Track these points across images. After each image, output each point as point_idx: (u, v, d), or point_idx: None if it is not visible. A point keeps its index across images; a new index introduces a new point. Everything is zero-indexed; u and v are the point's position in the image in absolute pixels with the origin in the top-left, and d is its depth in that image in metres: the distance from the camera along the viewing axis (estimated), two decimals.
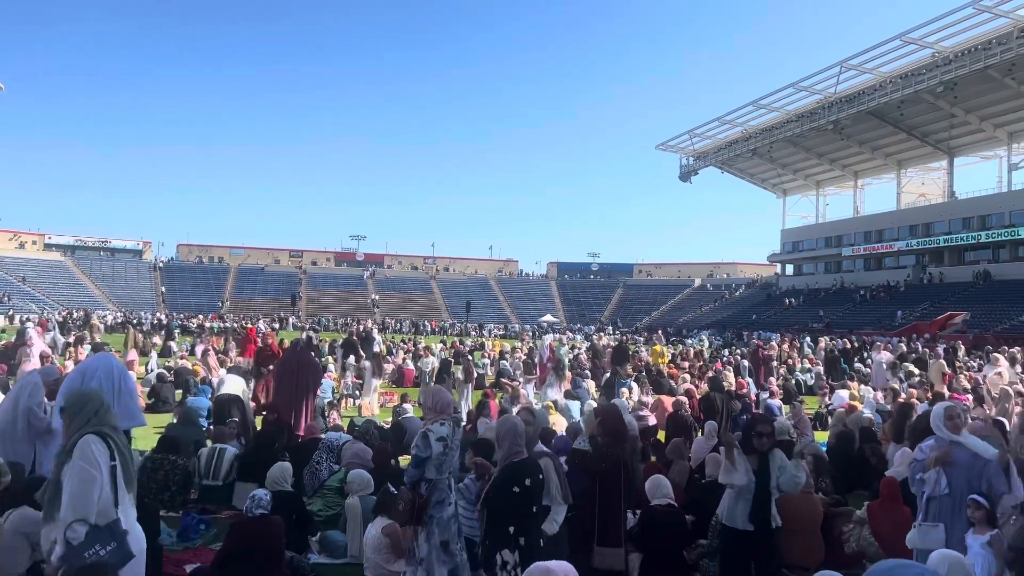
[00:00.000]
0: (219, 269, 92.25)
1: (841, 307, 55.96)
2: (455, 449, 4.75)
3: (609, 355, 21.50)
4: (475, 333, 57.32)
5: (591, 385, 17.31)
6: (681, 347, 34.61)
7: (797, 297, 64.30)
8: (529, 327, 64.18)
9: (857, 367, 21.78)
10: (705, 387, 13.92)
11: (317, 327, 46.23)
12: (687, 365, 22.31)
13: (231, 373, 13.32)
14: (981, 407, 12.12)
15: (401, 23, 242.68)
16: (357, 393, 16.92)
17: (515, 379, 18.40)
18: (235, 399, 10.92)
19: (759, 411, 13.14)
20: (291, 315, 64.34)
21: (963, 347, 26.31)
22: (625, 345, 23.15)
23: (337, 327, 56.30)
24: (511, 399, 12.57)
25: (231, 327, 42.67)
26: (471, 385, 16.12)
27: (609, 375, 17.31)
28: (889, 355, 19.89)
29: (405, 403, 12.88)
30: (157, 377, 16.12)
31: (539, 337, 42.39)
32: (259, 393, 13.64)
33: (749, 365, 20.56)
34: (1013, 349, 20.49)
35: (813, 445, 9.24)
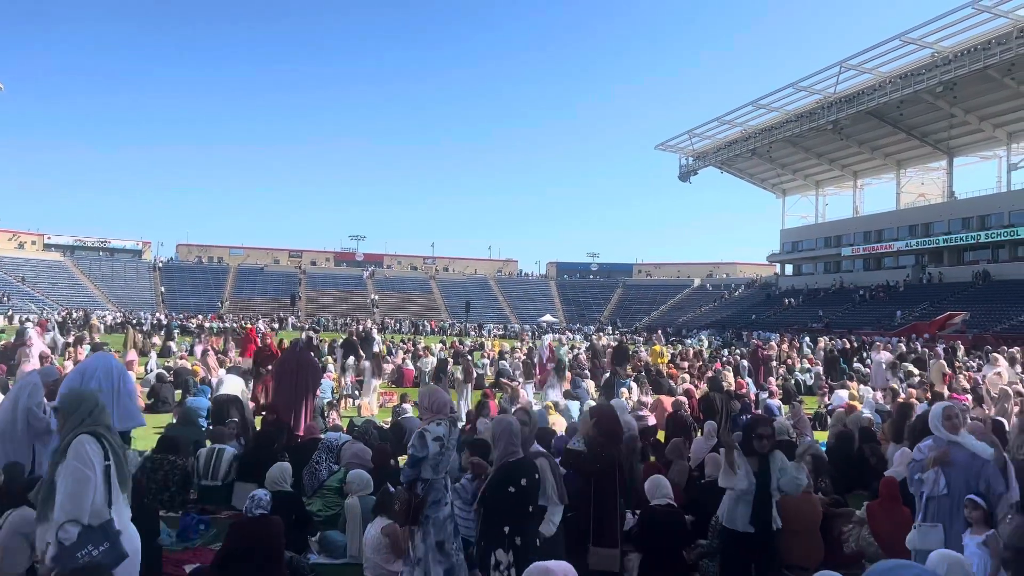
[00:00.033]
0: (218, 269, 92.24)
1: (840, 307, 55.97)
2: (451, 449, 4.75)
3: (609, 355, 21.51)
4: (474, 333, 57.33)
5: (590, 385, 17.32)
6: (680, 347, 34.61)
7: (796, 297, 64.32)
8: (528, 327, 64.18)
9: (856, 367, 21.78)
10: (704, 387, 13.90)
11: (317, 327, 46.18)
12: (686, 365, 22.33)
13: (230, 373, 13.34)
14: (980, 407, 12.12)
15: (401, 23, 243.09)
16: (356, 393, 16.92)
17: (515, 379, 18.38)
18: (234, 399, 10.94)
19: (758, 411, 13.15)
20: (290, 315, 64.33)
21: (962, 347, 26.32)
22: (625, 345, 23.14)
23: (337, 327, 56.30)
24: (511, 399, 12.56)
25: (230, 327, 42.66)
26: (470, 385, 16.09)
27: (609, 375, 17.32)
28: (889, 355, 19.88)
29: (404, 403, 12.86)
30: (156, 377, 16.13)
31: (538, 337, 42.41)
32: (258, 393, 13.63)
33: (748, 365, 20.58)
34: (1012, 349, 20.50)
35: (814, 445, 9.24)
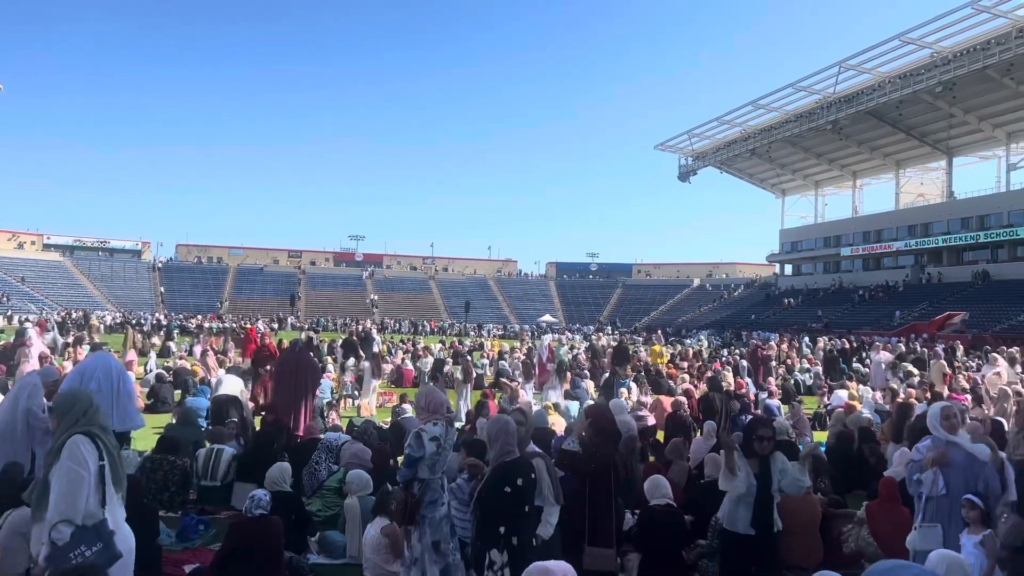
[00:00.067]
0: (218, 269, 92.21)
1: (840, 307, 55.98)
2: (448, 449, 4.75)
3: (609, 355, 21.52)
4: (474, 333, 57.33)
5: (590, 385, 17.33)
6: (680, 347, 34.61)
7: (796, 297, 64.32)
8: (528, 327, 64.18)
9: (856, 367, 21.78)
10: (704, 387, 13.92)
11: (317, 327, 46.17)
12: (686, 365, 22.35)
13: (229, 374, 13.35)
14: (980, 407, 12.13)
15: (401, 23, 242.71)
16: (356, 393, 16.91)
17: (514, 379, 18.37)
18: (233, 399, 10.94)
19: (758, 411, 13.15)
20: (290, 315, 64.31)
21: (961, 347, 26.33)
22: (625, 345, 23.15)
23: (336, 327, 56.28)
24: (510, 399, 12.57)
25: (230, 327, 42.65)
26: (470, 385, 16.09)
27: (608, 375, 17.32)
28: (888, 355, 19.89)
29: (404, 403, 12.87)
30: (156, 377, 16.13)
31: (538, 337, 42.42)
32: (257, 393, 13.64)
33: (748, 365, 20.58)
34: (1012, 349, 20.51)
35: (814, 446, 9.25)
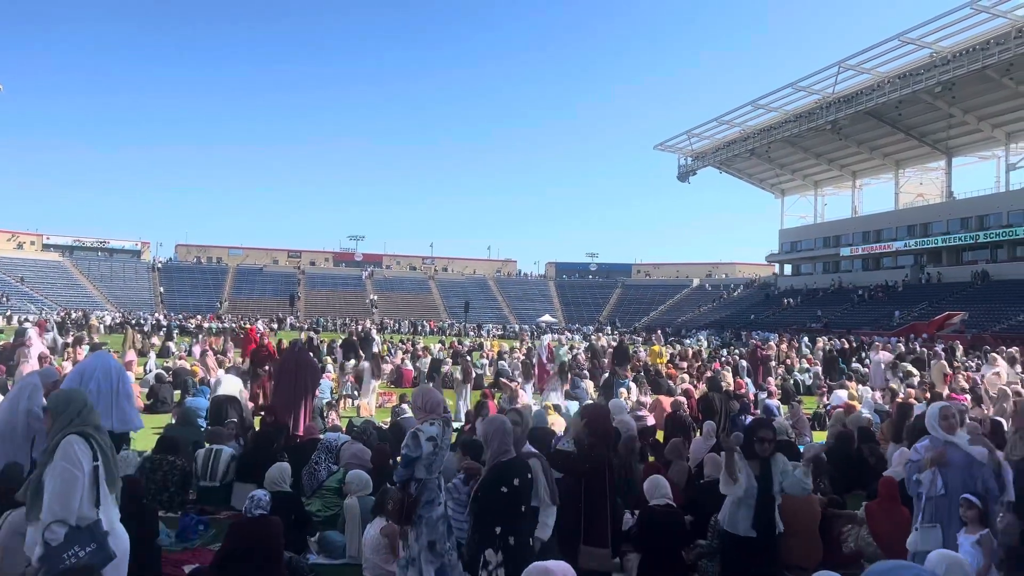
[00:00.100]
0: (217, 269, 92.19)
1: (839, 307, 55.99)
2: (445, 449, 4.75)
3: (610, 355, 21.53)
4: (473, 333, 57.32)
5: (589, 385, 17.32)
6: (679, 347, 34.61)
7: (795, 297, 64.33)
8: (527, 327, 64.18)
9: (855, 367, 21.80)
10: (703, 387, 13.92)
11: (318, 328, 46.16)
12: (685, 365, 22.36)
13: (228, 374, 13.35)
14: (979, 407, 12.14)
15: (401, 23, 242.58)
16: (355, 393, 16.90)
17: (514, 380, 18.37)
18: (232, 400, 10.95)
19: (757, 411, 13.16)
20: (289, 315, 64.30)
21: (961, 347, 26.34)
22: (625, 345, 23.16)
23: (336, 327, 56.27)
24: (510, 399, 12.57)
25: (229, 327, 42.64)
26: (469, 385, 16.10)
27: (608, 375, 17.32)
28: (888, 355, 19.90)
29: (403, 403, 12.86)
30: (156, 378, 16.11)
31: (537, 337, 42.43)
32: (256, 393, 13.64)
33: (747, 365, 20.59)
34: (1011, 349, 20.53)
35: (815, 446, 9.24)
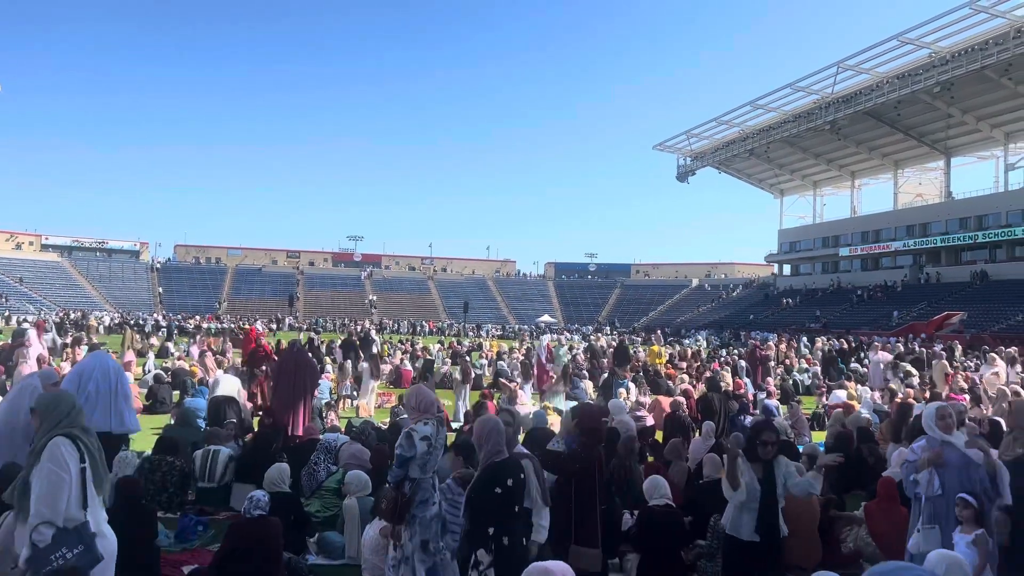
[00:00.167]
0: (216, 270, 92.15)
1: (838, 307, 56.02)
2: (439, 448, 4.76)
3: (610, 356, 21.54)
4: (472, 334, 57.31)
5: (589, 386, 17.33)
6: (679, 347, 34.62)
7: (794, 297, 64.36)
8: (527, 327, 64.17)
9: (854, 367, 21.81)
10: (703, 387, 13.93)
11: (319, 328, 46.14)
12: (684, 365, 22.36)
13: (227, 374, 13.34)
14: (978, 407, 12.15)
15: (401, 23, 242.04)
16: (355, 394, 16.89)
17: (513, 380, 18.36)
18: (230, 400, 10.95)
19: (756, 411, 13.16)
20: (288, 316, 64.29)
21: (960, 347, 26.36)
22: (626, 345, 23.18)
23: (335, 328, 56.24)
24: (509, 400, 12.57)
25: (228, 328, 42.60)
26: (468, 386, 16.10)
27: (607, 375, 17.31)
28: (887, 355, 19.90)
29: (402, 404, 12.86)
30: (154, 378, 16.10)
31: (536, 338, 42.45)
32: (254, 393, 13.64)
33: (746, 365, 20.58)
34: (1010, 349, 20.55)
35: (812, 446, 9.25)
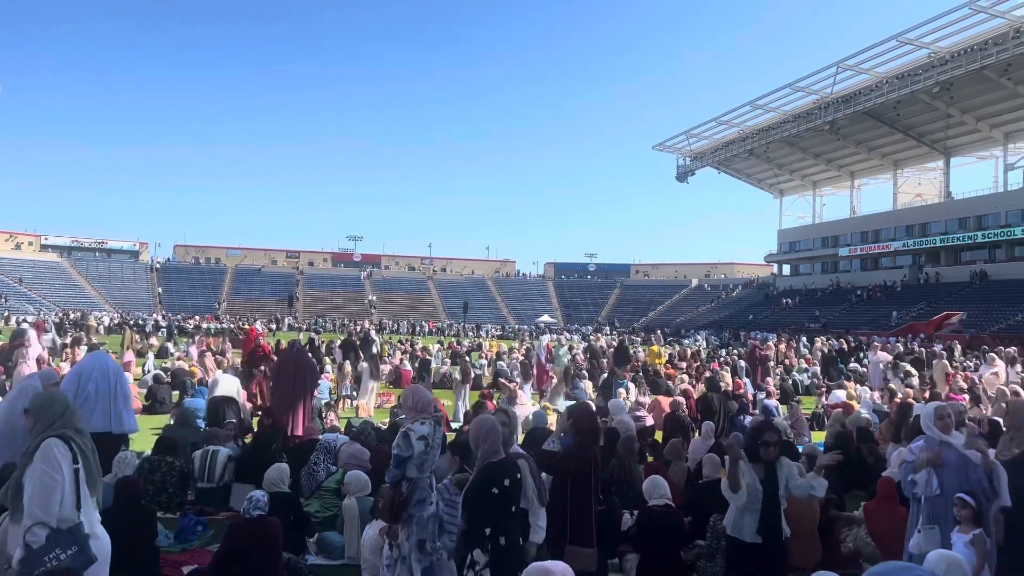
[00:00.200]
0: (216, 270, 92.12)
1: (838, 307, 56.02)
2: (437, 448, 4.75)
3: (610, 356, 21.54)
4: (472, 334, 57.30)
5: (588, 386, 17.33)
6: (678, 347, 34.63)
7: (794, 297, 64.38)
8: (526, 327, 64.16)
9: (853, 367, 21.81)
10: (702, 387, 13.93)
11: (320, 328, 46.14)
12: (684, 365, 22.36)
13: (226, 374, 13.33)
14: (978, 407, 12.15)
15: (401, 23, 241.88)
16: (354, 394, 16.89)
17: (513, 380, 18.35)
18: (230, 400, 10.94)
19: (756, 411, 13.16)
20: (288, 316, 64.28)
21: (959, 347, 26.37)
22: (626, 345, 23.18)
23: (335, 328, 56.23)
24: (509, 400, 12.57)
25: (228, 328, 42.58)
26: (468, 386, 16.09)
27: (607, 375, 17.31)
28: (886, 355, 19.91)
29: None
30: (154, 378, 16.09)
31: (536, 338, 42.44)
32: (253, 394, 13.63)
33: (746, 365, 20.59)
34: (1010, 349, 20.55)
35: (812, 446, 9.25)
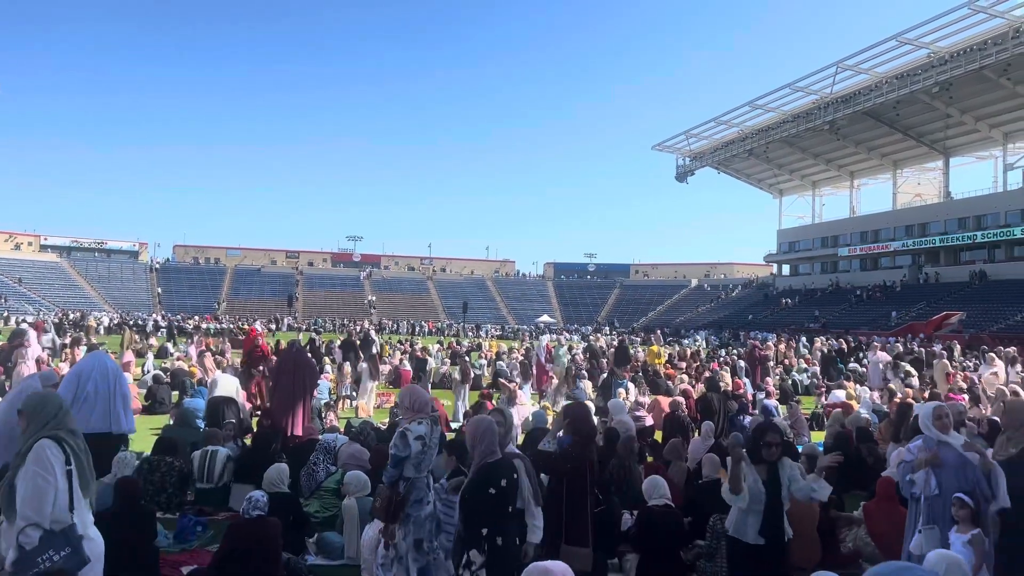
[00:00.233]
0: (215, 270, 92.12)
1: (837, 307, 56.03)
2: (434, 448, 4.76)
3: (610, 356, 21.53)
4: (472, 334, 57.30)
5: (588, 386, 17.32)
6: (678, 347, 34.63)
7: (793, 297, 64.40)
8: (526, 327, 64.16)
9: (852, 367, 21.81)
10: (702, 387, 13.93)
11: (319, 329, 46.15)
12: (684, 365, 22.36)
13: (225, 374, 13.33)
14: (977, 407, 12.15)
15: (401, 23, 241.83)
16: (354, 394, 16.89)
17: (512, 380, 18.34)
18: (229, 400, 10.94)
19: (756, 411, 13.16)
20: (287, 316, 64.28)
21: (959, 347, 26.38)
22: (626, 345, 23.18)
23: (334, 328, 56.23)
24: (508, 400, 12.55)
25: (227, 328, 42.59)
26: (468, 386, 16.10)
27: (607, 375, 17.32)
28: (886, 355, 19.91)
29: None
30: (153, 379, 16.09)
31: (536, 338, 42.43)
32: (253, 394, 13.63)
33: (746, 365, 20.59)
34: (1009, 349, 20.55)
35: (812, 446, 9.25)
